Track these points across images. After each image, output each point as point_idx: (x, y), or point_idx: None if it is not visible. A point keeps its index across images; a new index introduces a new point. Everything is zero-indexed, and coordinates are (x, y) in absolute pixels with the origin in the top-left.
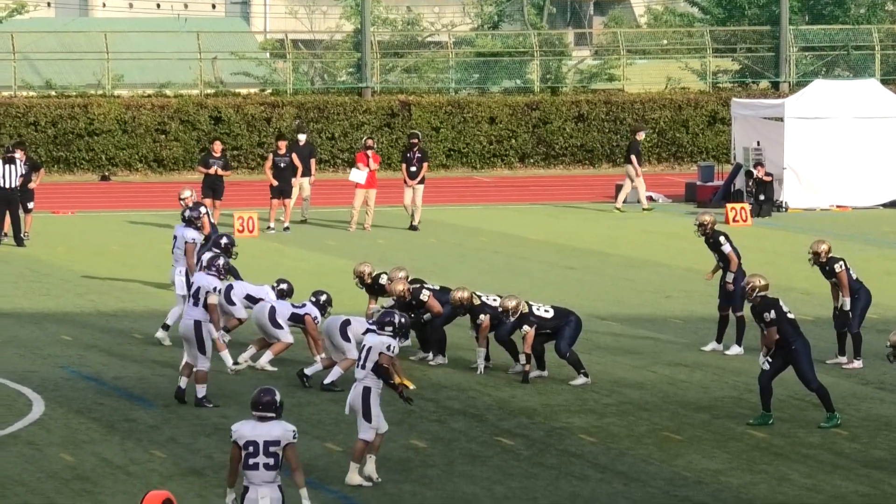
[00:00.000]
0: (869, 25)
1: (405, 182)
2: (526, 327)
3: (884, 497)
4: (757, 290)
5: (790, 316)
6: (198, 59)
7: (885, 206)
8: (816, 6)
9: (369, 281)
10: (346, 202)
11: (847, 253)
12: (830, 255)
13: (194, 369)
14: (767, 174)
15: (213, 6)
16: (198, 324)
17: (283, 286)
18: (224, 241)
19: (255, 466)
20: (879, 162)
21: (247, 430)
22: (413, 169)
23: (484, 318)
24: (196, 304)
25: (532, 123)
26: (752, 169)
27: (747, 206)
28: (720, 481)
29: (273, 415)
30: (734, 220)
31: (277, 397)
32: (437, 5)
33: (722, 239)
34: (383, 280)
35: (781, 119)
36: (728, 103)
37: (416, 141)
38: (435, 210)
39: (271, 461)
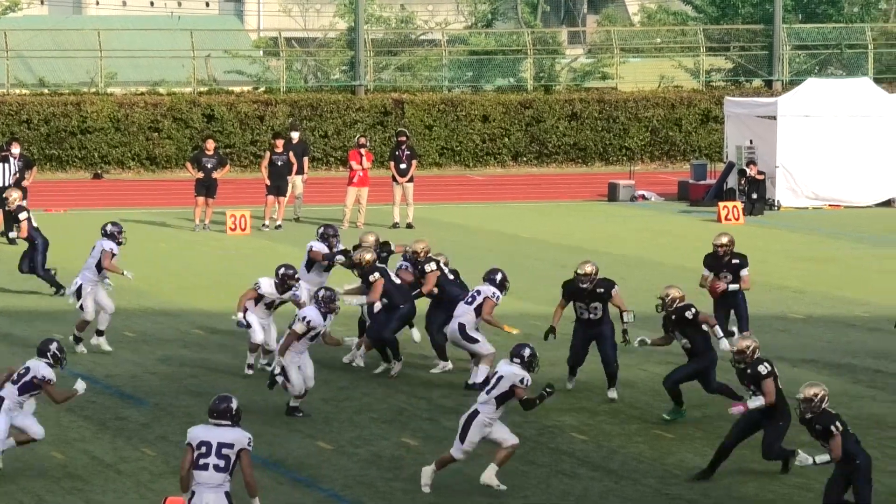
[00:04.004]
0: (862, 24)
1: (394, 180)
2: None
3: (874, 494)
4: (676, 301)
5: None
6: (191, 57)
7: (877, 204)
8: (810, 5)
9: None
10: (339, 200)
11: (839, 251)
12: (733, 249)
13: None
14: (760, 172)
15: (207, 4)
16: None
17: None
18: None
19: (206, 467)
20: (872, 161)
21: (201, 431)
22: (403, 166)
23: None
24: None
25: (525, 122)
26: (744, 167)
27: (740, 205)
28: (711, 479)
29: (228, 423)
30: (727, 219)
31: (234, 405)
32: (430, 3)
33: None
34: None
35: (774, 117)
36: (721, 102)
37: (404, 139)
38: (428, 208)
39: (222, 463)
